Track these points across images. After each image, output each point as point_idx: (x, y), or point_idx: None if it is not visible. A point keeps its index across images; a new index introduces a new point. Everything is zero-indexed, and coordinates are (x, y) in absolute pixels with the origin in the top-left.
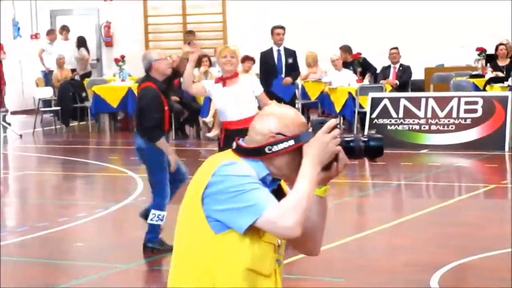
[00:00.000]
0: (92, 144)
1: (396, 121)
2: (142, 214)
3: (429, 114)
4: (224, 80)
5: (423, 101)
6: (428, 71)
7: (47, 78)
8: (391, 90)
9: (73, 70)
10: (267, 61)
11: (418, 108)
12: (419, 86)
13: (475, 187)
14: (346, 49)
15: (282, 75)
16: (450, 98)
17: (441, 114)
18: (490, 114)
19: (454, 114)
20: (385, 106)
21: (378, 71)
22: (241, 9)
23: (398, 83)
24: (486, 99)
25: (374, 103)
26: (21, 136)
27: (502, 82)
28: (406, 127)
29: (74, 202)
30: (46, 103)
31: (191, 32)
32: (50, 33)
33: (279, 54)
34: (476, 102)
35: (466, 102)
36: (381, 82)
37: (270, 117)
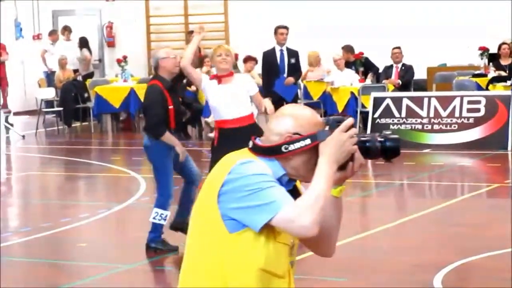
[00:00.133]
0: (94, 144)
1: (398, 120)
2: (171, 227)
3: (431, 114)
4: (219, 78)
5: (426, 100)
6: (430, 71)
7: (49, 78)
8: (394, 90)
9: (75, 71)
10: (270, 60)
11: (421, 107)
12: (422, 86)
13: (478, 187)
14: (348, 48)
15: (285, 75)
16: (453, 98)
17: (443, 114)
18: (493, 114)
19: (457, 114)
20: (387, 106)
21: (381, 71)
22: (243, 9)
23: (400, 83)
24: (488, 99)
25: (377, 103)
26: (23, 136)
27: (505, 81)
28: (408, 127)
29: (77, 203)
30: (49, 104)
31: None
32: (52, 33)
33: (282, 54)
34: (478, 102)
35: (469, 102)
36: (383, 81)
37: (286, 117)
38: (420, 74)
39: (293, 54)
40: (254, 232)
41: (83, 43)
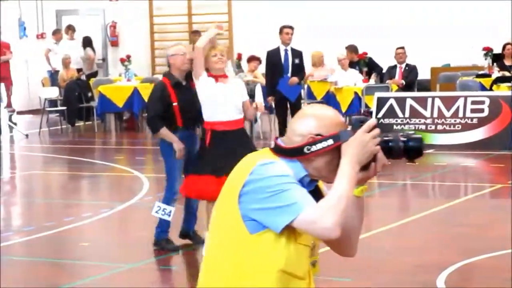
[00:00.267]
0: (98, 144)
1: (402, 121)
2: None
3: (435, 114)
4: (216, 77)
5: (429, 100)
6: (434, 71)
7: (53, 78)
8: (397, 90)
9: (79, 70)
10: (274, 60)
11: (424, 108)
12: (425, 86)
13: (481, 187)
14: (352, 48)
15: (288, 75)
16: (457, 98)
17: (447, 114)
18: (497, 114)
19: (461, 114)
20: (391, 106)
21: (384, 71)
22: (246, 9)
23: (404, 83)
24: (492, 99)
25: (380, 103)
26: (27, 136)
27: (509, 82)
28: (412, 127)
29: (80, 202)
30: (52, 103)
31: (197, 32)
32: (56, 33)
33: (286, 54)
34: (482, 102)
35: (473, 102)
36: (387, 82)
37: (309, 118)
38: (423, 74)
39: (297, 54)
40: (275, 233)
41: (87, 43)
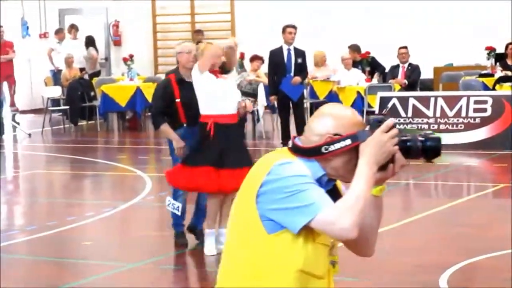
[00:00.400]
0: (100, 143)
1: (404, 120)
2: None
3: (438, 114)
4: (215, 72)
5: (432, 100)
6: (437, 70)
7: (56, 77)
8: (400, 90)
9: (81, 69)
10: (277, 59)
11: (427, 107)
12: (428, 86)
13: (484, 187)
14: (354, 48)
15: (291, 74)
16: (459, 98)
17: (450, 114)
18: (500, 114)
19: (463, 114)
20: (393, 106)
21: (387, 71)
22: (249, 8)
23: (407, 83)
24: (495, 99)
25: (383, 103)
26: (29, 135)
27: None
28: (415, 127)
29: (83, 201)
30: (55, 102)
31: (200, 31)
32: (58, 32)
33: (289, 53)
34: (485, 102)
35: (475, 102)
36: (390, 81)
37: (327, 117)
38: (426, 73)
39: (300, 53)
40: (293, 233)
41: (90, 42)
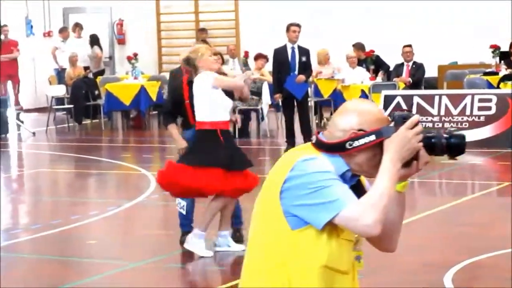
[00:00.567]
0: (104, 142)
1: None
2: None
3: (442, 112)
4: None
5: (437, 98)
6: (441, 69)
7: (60, 76)
8: (404, 88)
9: (86, 68)
10: (281, 58)
11: (432, 105)
12: (433, 84)
13: (489, 185)
14: (359, 46)
15: (295, 73)
16: (464, 96)
17: (454, 112)
18: (504, 112)
19: (468, 112)
20: (398, 104)
21: (391, 69)
22: (253, 7)
23: (411, 81)
24: (500, 97)
25: (387, 101)
26: (34, 134)
27: None
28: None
29: (87, 200)
30: (59, 101)
31: (204, 30)
32: (62, 31)
33: (293, 52)
34: (489, 100)
35: (480, 100)
36: (394, 79)
37: (351, 113)
38: (431, 72)
39: (304, 52)
40: (317, 229)
41: (94, 41)
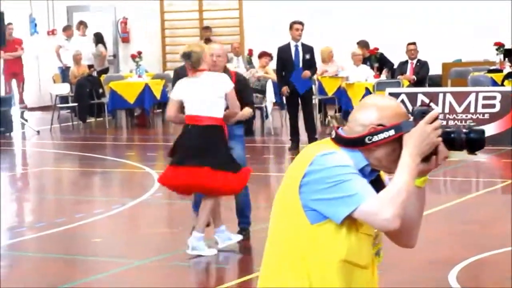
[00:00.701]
0: (109, 140)
1: None
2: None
3: (446, 109)
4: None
5: (441, 96)
6: (445, 66)
7: (64, 74)
8: (409, 86)
9: (90, 66)
10: (284, 56)
11: (436, 103)
12: (437, 81)
13: (493, 183)
14: (363, 44)
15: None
16: (468, 93)
17: (458, 109)
18: (508, 109)
19: (472, 109)
20: (402, 102)
21: (395, 67)
22: (257, 5)
23: (415, 79)
24: (504, 94)
25: None
26: (38, 132)
27: None
28: None
29: (91, 198)
30: (63, 100)
31: (208, 28)
32: (66, 29)
33: (297, 50)
34: (494, 97)
35: (484, 97)
36: (398, 77)
37: (370, 108)
38: (435, 69)
39: (308, 49)
40: (336, 223)
41: (99, 39)
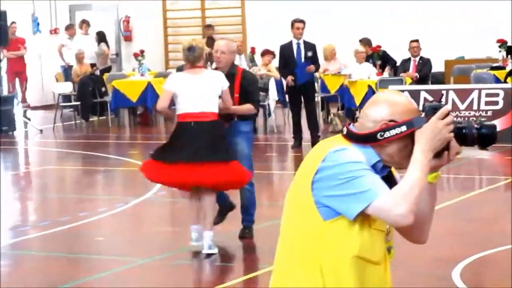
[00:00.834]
0: (112, 138)
1: None
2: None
3: (449, 107)
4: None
5: (444, 93)
6: (448, 64)
7: (67, 73)
8: (411, 83)
9: (92, 65)
10: (287, 54)
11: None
12: (439, 79)
13: (496, 180)
14: (366, 42)
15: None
16: (471, 91)
17: (461, 107)
18: (511, 106)
19: (475, 107)
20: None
21: (398, 64)
22: (259, 3)
23: (418, 76)
24: (507, 91)
25: None
26: (41, 131)
27: None
28: None
29: (95, 197)
30: (66, 98)
31: (210, 26)
32: (69, 28)
33: (299, 48)
34: (497, 94)
35: (487, 94)
36: (401, 75)
37: (382, 104)
38: (437, 67)
39: (310, 47)
40: (349, 219)
41: (101, 38)
